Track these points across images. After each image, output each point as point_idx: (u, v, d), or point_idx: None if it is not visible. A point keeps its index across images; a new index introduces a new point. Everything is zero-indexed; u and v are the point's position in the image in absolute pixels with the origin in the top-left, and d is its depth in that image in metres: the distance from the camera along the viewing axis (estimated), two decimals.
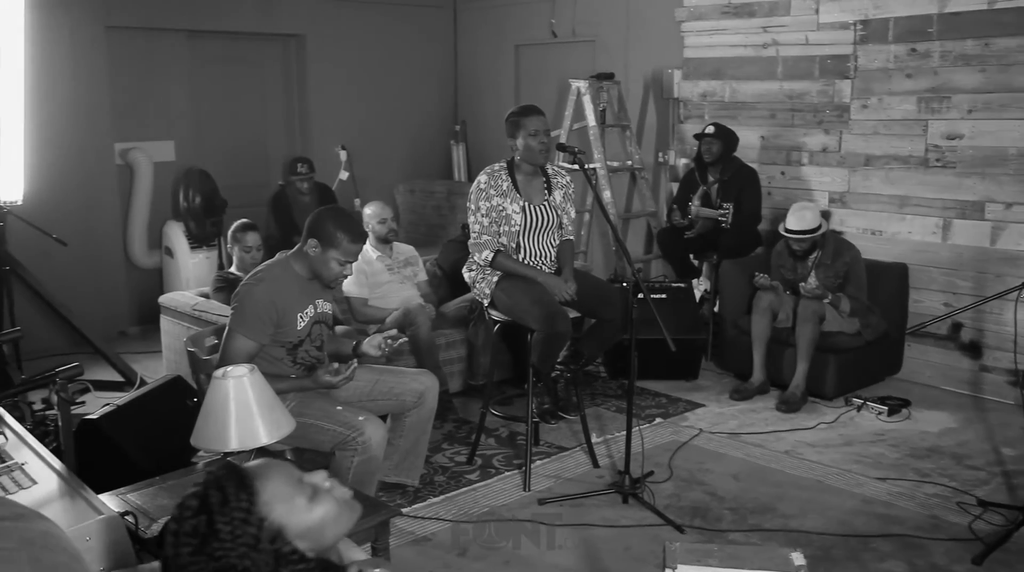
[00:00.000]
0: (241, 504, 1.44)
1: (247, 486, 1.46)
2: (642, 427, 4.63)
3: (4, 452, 2.45)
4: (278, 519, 1.46)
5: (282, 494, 1.49)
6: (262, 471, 1.52)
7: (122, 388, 5.32)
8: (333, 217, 3.34)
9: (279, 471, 1.54)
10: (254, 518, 1.44)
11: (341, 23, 7.71)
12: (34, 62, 5.71)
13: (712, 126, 5.90)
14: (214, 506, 1.43)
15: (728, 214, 5.78)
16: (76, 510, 2.12)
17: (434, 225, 8.01)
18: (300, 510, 1.49)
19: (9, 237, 5.45)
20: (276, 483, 1.50)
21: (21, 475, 2.30)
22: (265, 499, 1.47)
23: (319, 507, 1.52)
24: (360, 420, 3.25)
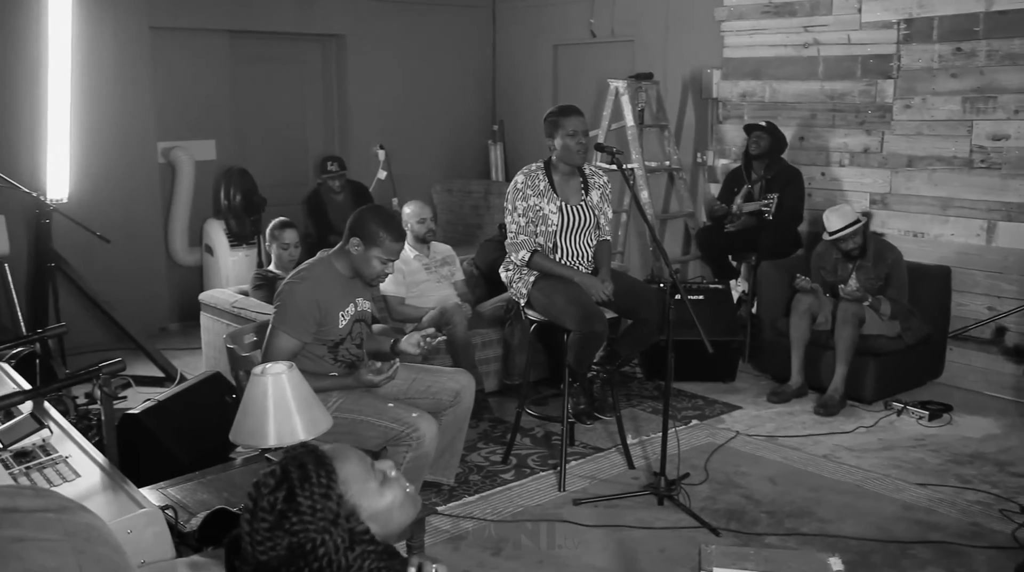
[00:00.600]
0: (321, 480, 1.48)
1: (326, 464, 1.50)
2: (678, 429, 4.60)
3: (49, 445, 2.49)
4: (352, 499, 1.50)
5: (357, 475, 1.53)
6: (339, 452, 1.56)
7: (163, 383, 5.40)
8: (375, 216, 3.36)
9: (354, 453, 1.58)
10: (334, 494, 1.48)
11: (380, 23, 7.75)
12: (80, 62, 5.81)
13: (765, 122, 5.89)
14: (295, 481, 1.47)
15: (772, 203, 5.75)
16: (118, 503, 2.15)
17: (471, 225, 8.03)
18: (372, 493, 1.54)
19: (55, 234, 5.55)
20: (352, 464, 1.54)
21: (65, 468, 2.34)
22: (343, 477, 1.51)
23: (389, 492, 1.56)
24: (414, 416, 3.28)
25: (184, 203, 6.85)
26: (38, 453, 2.45)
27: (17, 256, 5.89)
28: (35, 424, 2.56)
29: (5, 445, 2.47)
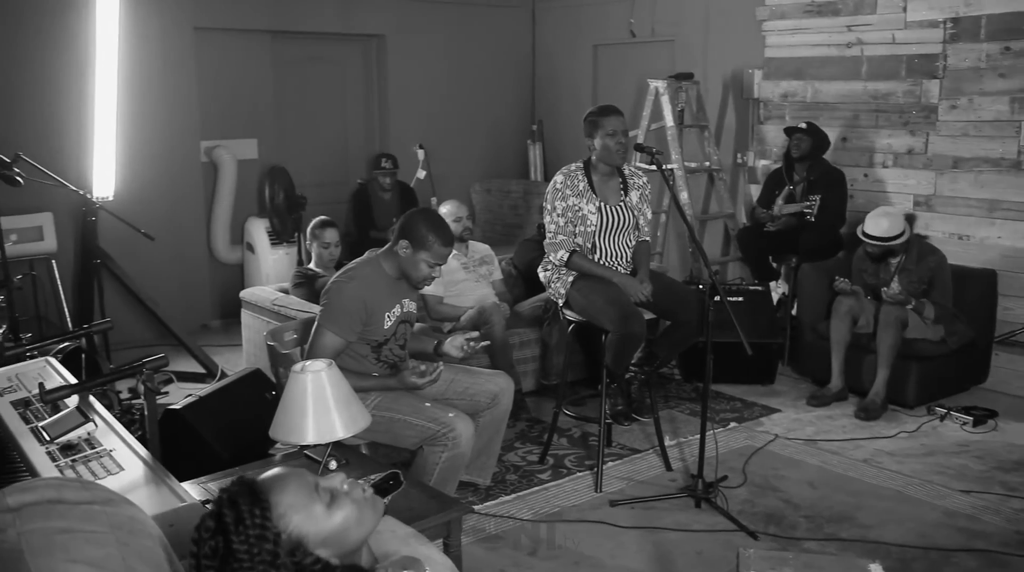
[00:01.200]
0: (256, 520, 1.44)
1: (261, 501, 1.46)
2: (716, 431, 4.57)
3: (94, 438, 2.54)
4: (296, 530, 1.46)
5: (297, 504, 1.48)
6: (275, 483, 1.51)
7: (204, 380, 5.46)
8: (425, 220, 3.38)
9: (294, 481, 1.53)
10: (270, 533, 1.44)
11: (420, 23, 7.78)
12: (126, 63, 5.91)
13: (805, 123, 5.83)
14: (229, 525, 1.43)
15: (814, 206, 5.68)
16: (160, 497, 2.18)
17: (510, 224, 8.04)
18: (319, 518, 1.49)
19: (101, 232, 5.64)
20: (291, 493, 1.49)
21: (110, 461, 2.38)
22: (280, 511, 1.47)
23: (338, 512, 1.52)
24: (450, 416, 3.29)
25: (226, 201, 6.93)
26: (83, 446, 2.49)
27: (64, 253, 6.01)
28: (81, 418, 2.60)
29: (52, 438, 2.52)
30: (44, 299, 5.86)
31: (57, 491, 1.58)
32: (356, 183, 7.30)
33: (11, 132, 5.56)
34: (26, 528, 1.46)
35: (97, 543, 1.49)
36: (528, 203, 7.88)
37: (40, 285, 5.83)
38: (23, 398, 2.89)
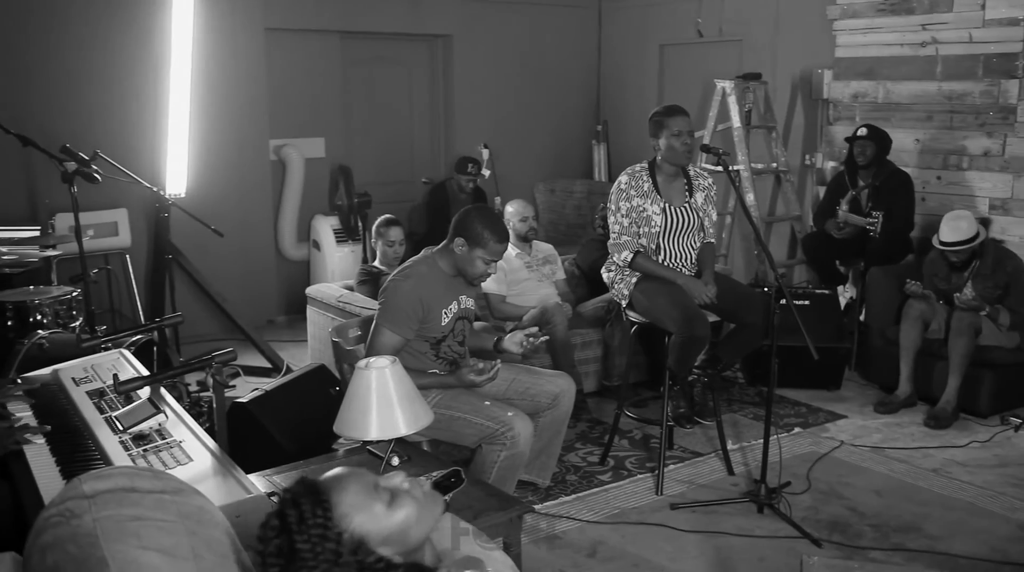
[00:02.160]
0: (317, 520, 1.46)
1: (322, 501, 1.48)
2: (780, 436, 4.51)
3: (164, 429, 2.59)
4: (358, 529, 1.48)
5: (358, 504, 1.50)
6: (336, 483, 1.53)
7: (269, 374, 5.56)
8: (480, 217, 3.39)
9: (354, 480, 1.55)
10: (332, 533, 1.46)
11: (487, 23, 7.82)
12: (199, 63, 6.04)
13: (864, 127, 5.67)
14: (292, 525, 1.46)
15: (877, 224, 5.53)
16: (227, 488, 2.22)
17: (573, 224, 8.03)
18: (379, 517, 1.51)
19: (172, 228, 5.78)
20: (352, 493, 1.51)
21: (179, 452, 2.43)
22: (342, 511, 1.49)
23: (399, 511, 1.53)
24: (509, 415, 3.30)
25: (293, 199, 7.04)
26: (154, 437, 2.55)
27: (138, 248, 6.17)
28: (152, 409, 2.67)
29: (125, 428, 2.59)
30: (118, 293, 6.03)
31: (130, 480, 1.62)
32: (421, 182, 7.36)
33: (90, 130, 5.72)
34: (101, 514, 1.50)
35: (167, 531, 1.53)
36: (592, 203, 7.85)
37: (115, 279, 6.00)
38: (98, 388, 2.97)
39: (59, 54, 5.84)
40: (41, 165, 5.33)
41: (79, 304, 4.34)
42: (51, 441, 2.59)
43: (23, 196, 5.84)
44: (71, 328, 4.17)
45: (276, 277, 7.09)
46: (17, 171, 5.74)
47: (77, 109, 5.87)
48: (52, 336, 3.85)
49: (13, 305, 4.07)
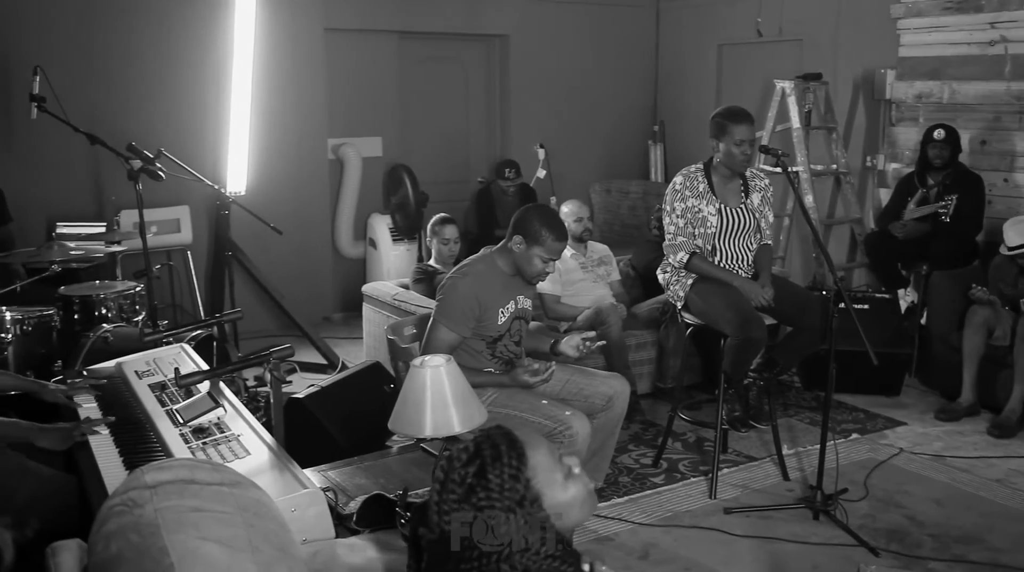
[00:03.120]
0: (512, 461, 1.52)
1: (518, 448, 1.54)
2: (837, 442, 4.43)
3: (223, 423, 2.64)
4: (538, 486, 1.53)
5: (545, 465, 1.56)
6: (531, 440, 1.60)
7: (325, 370, 5.62)
8: (539, 215, 3.40)
9: (545, 444, 1.61)
10: (522, 477, 1.51)
11: (544, 23, 7.82)
12: (260, 63, 6.13)
13: (942, 129, 5.55)
14: (487, 458, 1.51)
15: (950, 206, 5.42)
16: (283, 482, 2.25)
17: (628, 225, 7.99)
18: (557, 485, 1.56)
19: (232, 225, 5.88)
20: (541, 454, 1.57)
21: (237, 445, 2.47)
22: (533, 464, 1.54)
23: (572, 487, 1.59)
24: (567, 414, 3.30)
25: (351, 198, 7.11)
26: (213, 430, 2.60)
27: (199, 245, 6.29)
28: (212, 403, 2.72)
29: (185, 421, 2.64)
30: (180, 288, 6.16)
31: (191, 472, 1.65)
32: (477, 182, 7.39)
33: (154, 129, 5.84)
34: (162, 505, 1.53)
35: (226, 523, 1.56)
36: (647, 204, 7.80)
37: (176, 275, 6.13)
38: (160, 382, 3.03)
39: (126, 55, 5.98)
40: (108, 163, 5.46)
41: (142, 299, 4.43)
42: (115, 433, 2.65)
43: (91, 193, 6.00)
44: (134, 322, 4.27)
45: (332, 275, 7.17)
46: (85, 169, 5.90)
47: (143, 108, 6.00)
48: (116, 330, 3.95)
49: (79, 299, 4.17)
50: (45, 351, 3.95)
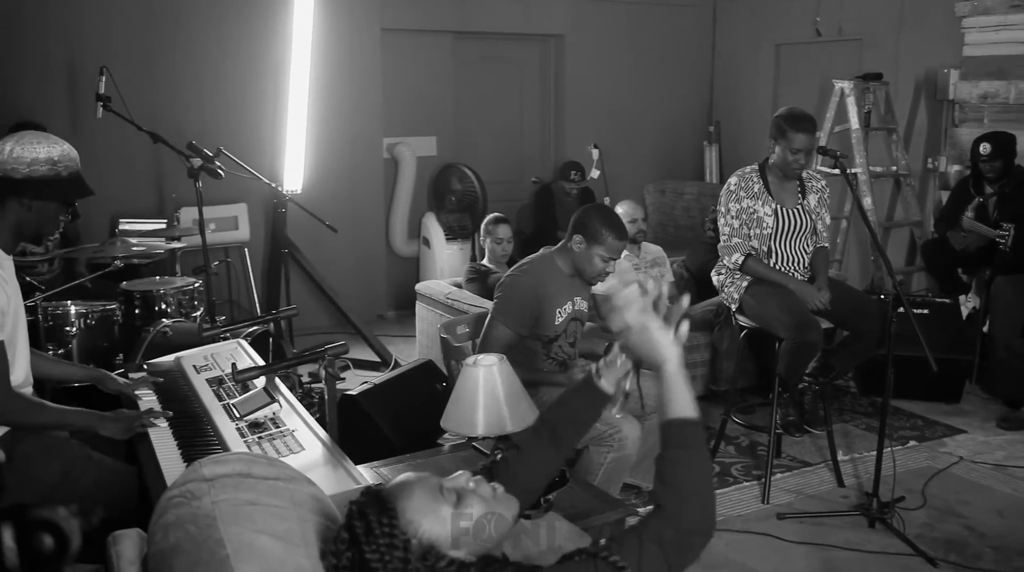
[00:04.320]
0: (384, 529, 1.47)
1: (388, 510, 1.50)
2: (894, 449, 4.35)
3: (278, 418, 2.68)
4: (426, 534, 1.49)
5: (423, 509, 1.51)
6: (400, 490, 1.54)
7: (378, 368, 5.67)
8: (598, 214, 3.40)
9: (418, 486, 1.55)
10: (398, 540, 1.47)
11: (600, 23, 7.79)
12: (317, 63, 6.21)
13: (986, 142, 5.30)
14: (360, 537, 1.48)
15: (1008, 237, 5.21)
16: (336, 478, 2.27)
17: (683, 226, 7.94)
18: (447, 520, 1.51)
19: (289, 223, 5.96)
20: (415, 499, 1.52)
21: (292, 441, 2.50)
22: (408, 517, 1.50)
23: (467, 511, 1.53)
24: (617, 417, 3.29)
25: (405, 197, 7.16)
26: (269, 425, 2.63)
27: (256, 242, 6.38)
28: (267, 398, 2.75)
29: (241, 415, 2.68)
30: (237, 285, 6.26)
31: (247, 466, 1.68)
32: (531, 182, 7.39)
33: (213, 127, 5.95)
34: (219, 497, 1.56)
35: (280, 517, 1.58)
36: (702, 205, 7.75)
37: (234, 272, 6.23)
38: (217, 376, 3.08)
39: (187, 56, 6.10)
40: (169, 161, 5.58)
41: (200, 295, 4.51)
42: (173, 425, 2.70)
43: (152, 191, 6.12)
44: (193, 318, 4.34)
45: (386, 273, 7.23)
46: (147, 167, 6.02)
47: (203, 108, 6.10)
48: (175, 325, 4.02)
49: (140, 294, 4.26)
50: (107, 344, 4.04)
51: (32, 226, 2.62)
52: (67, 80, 5.79)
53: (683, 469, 1.55)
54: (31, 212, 2.57)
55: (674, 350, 1.63)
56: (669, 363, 1.62)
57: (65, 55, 5.77)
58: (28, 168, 2.51)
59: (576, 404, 1.89)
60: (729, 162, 8.06)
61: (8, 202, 2.55)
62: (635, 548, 1.49)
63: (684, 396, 1.59)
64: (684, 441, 1.57)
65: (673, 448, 1.57)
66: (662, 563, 1.49)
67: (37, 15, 5.68)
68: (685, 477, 1.54)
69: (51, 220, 2.65)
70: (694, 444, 1.58)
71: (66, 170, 2.59)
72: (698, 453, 1.58)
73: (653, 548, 1.49)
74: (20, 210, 2.56)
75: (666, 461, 1.57)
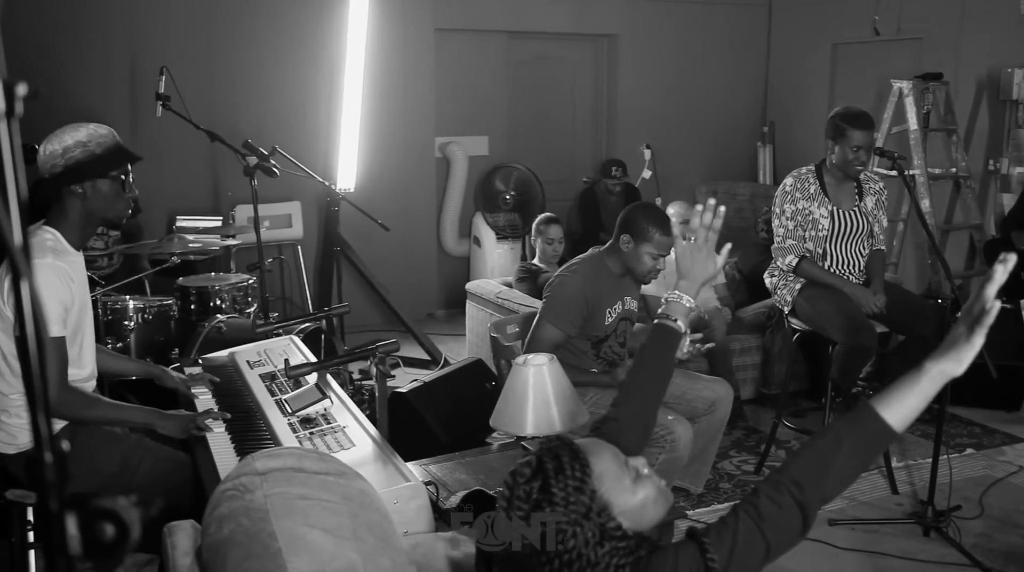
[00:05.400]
0: (575, 473, 1.49)
1: (581, 458, 1.52)
2: (951, 456, 4.26)
3: (329, 414, 2.71)
4: (606, 494, 1.51)
5: (611, 472, 1.54)
6: (594, 448, 1.58)
7: (428, 366, 5.70)
8: (644, 212, 3.39)
9: (609, 449, 1.59)
10: (587, 488, 1.49)
11: (654, 23, 7.75)
12: (371, 63, 6.26)
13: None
14: (550, 472, 1.49)
15: None
16: (386, 474, 2.29)
17: (735, 228, 7.84)
18: (625, 490, 1.54)
19: (341, 221, 6.02)
20: (606, 460, 1.55)
21: (343, 437, 2.53)
22: (598, 472, 1.52)
23: (642, 489, 1.56)
24: (670, 419, 3.27)
25: (456, 196, 7.19)
26: (320, 421, 2.66)
27: (308, 240, 6.46)
28: (319, 394, 2.79)
29: (293, 411, 2.72)
30: (290, 282, 6.34)
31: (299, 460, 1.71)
32: (582, 182, 7.37)
33: (268, 126, 6.03)
34: (272, 491, 1.59)
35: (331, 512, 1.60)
36: (755, 207, 7.66)
37: (287, 269, 6.31)
38: (270, 372, 3.12)
39: (244, 56, 6.19)
40: (225, 160, 5.66)
41: (254, 291, 4.57)
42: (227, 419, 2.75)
43: (208, 188, 6.23)
44: (246, 314, 4.41)
45: (437, 272, 7.27)
46: (204, 165, 6.13)
47: (259, 107, 6.19)
48: (230, 320, 4.09)
49: (196, 290, 4.33)
50: (163, 339, 4.12)
51: (97, 211, 2.62)
52: (128, 80, 5.91)
53: (855, 461, 1.57)
54: (88, 199, 2.58)
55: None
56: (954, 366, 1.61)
57: (126, 56, 5.89)
58: (63, 158, 2.53)
59: (652, 357, 2.01)
60: (783, 163, 7.96)
61: (64, 199, 2.58)
62: (729, 529, 1.52)
63: (910, 408, 1.58)
64: (873, 439, 1.58)
65: (858, 437, 1.57)
66: (760, 539, 1.52)
67: (100, 17, 5.81)
68: (846, 466, 1.56)
69: (112, 198, 2.64)
70: (878, 449, 1.60)
71: (99, 146, 2.58)
72: (872, 457, 1.61)
73: (751, 524, 1.52)
74: (77, 201, 2.58)
75: (844, 444, 1.56)
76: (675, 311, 2.06)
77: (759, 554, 1.50)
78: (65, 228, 2.60)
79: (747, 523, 1.51)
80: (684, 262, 2.12)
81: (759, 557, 1.50)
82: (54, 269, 2.50)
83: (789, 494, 1.52)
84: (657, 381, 2.01)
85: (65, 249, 2.60)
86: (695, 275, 2.11)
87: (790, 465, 1.55)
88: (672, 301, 2.07)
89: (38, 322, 0.69)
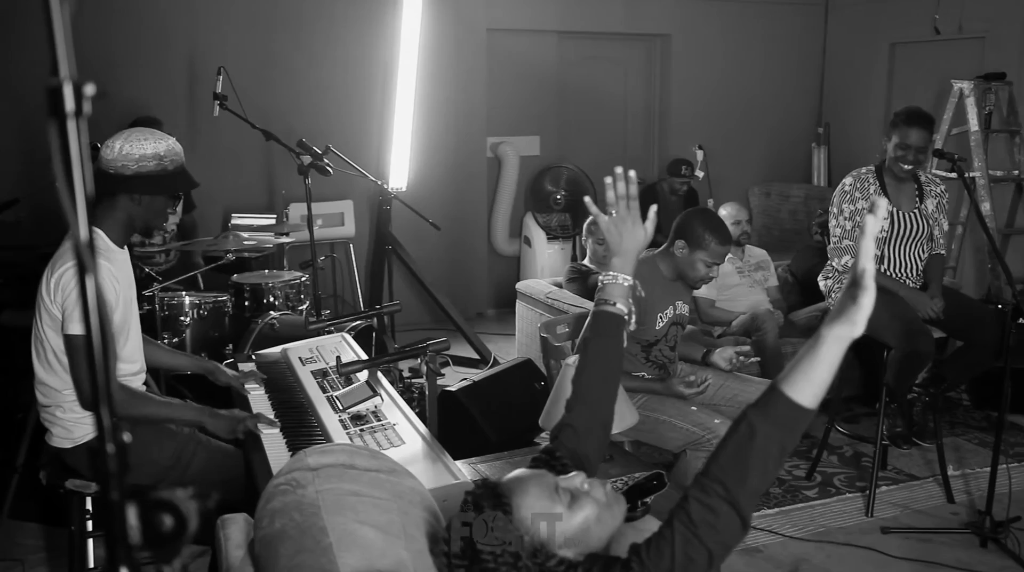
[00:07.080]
0: (498, 523, 1.48)
1: (503, 504, 1.51)
2: (1010, 465, 4.16)
3: (380, 412, 2.73)
4: (538, 534, 1.50)
5: (539, 506, 1.52)
6: (517, 486, 1.55)
7: (477, 365, 5.71)
8: (702, 219, 3.35)
9: (535, 484, 1.56)
10: (512, 536, 1.48)
11: (708, 22, 7.68)
12: (424, 63, 6.30)
13: None
14: (473, 529, 1.49)
15: None
16: (435, 472, 2.30)
17: (788, 230, 7.76)
18: (560, 519, 1.52)
19: (393, 220, 6.06)
20: (532, 497, 1.53)
21: (393, 434, 2.55)
22: (523, 514, 1.50)
23: (579, 513, 1.53)
24: (716, 422, 3.24)
25: (507, 196, 7.20)
26: (371, 418, 2.68)
27: (360, 238, 6.52)
28: (369, 391, 2.81)
29: (344, 407, 2.74)
30: (341, 280, 6.40)
31: (350, 457, 1.72)
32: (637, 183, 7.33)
33: (323, 126, 6.10)
34: (323, 487, 1.60)
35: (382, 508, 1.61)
36: (809, 209, 7.56)
37: (339, 267, 6.38)
38: (321, 369, 3.15)
39: (299, 56, 6.27)
40: (280, 158, 5.74)
41: (307, 289, 4.63)
42: (278, 414, 2.78)
43: (263, 187, 6.32)
44: (299, 311, 4.46)
45: (487, 271, 7.29)
46: (260, 164, 6.22)
47: (313, 107, 6.27)
48: (282, 317, 4.14)
49: (250, 287, 4.40)
50: (218, 335, 4.19)
51: (142, 220, 2.68)
52: (186, 79, 6.02)
53: (774, 449, 1.42)
54: (140, 207, 2.63)
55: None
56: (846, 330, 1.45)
57: (185, 55, 6.00)
58: (136, 164, 2.57)
59: (597, 350, 1.93)
60: (838, 165, 7.84)
61: (119, 198, 2.62)
62: (667, 540, 1.44)
63: (818, 382, 1.42)
64: (787, 422, 1.42)
65: (770, 424, 1.41)
66: (699, 545, 1.42)
67: (159, 17, 5.93)
68: (764, 455, 1.41)
69: (159, 213, 2.70)
70: (795, 431, 1.43)
71: (172, 164, 2.63)
72: (792, 440, 1.44)
73: (687, 533, 1.43)
74: (131, 205, 2.62)
75: (757, 434, 1.41)
76: (613, 294, 1.96)
77: (702, 562, 1.42)
78: (109, 226, 2.65)
79: (683, 532, 1.42)
80: (612, 238, 2.05)
81: (702, 566, 1.42)
82: (102, 269, 2.55)
83: (717, 495, 1.41)
84: (607, 375, 1.92)
85: (109, 247, 2.65)
86: (626, 248, 2.03)
87: (711, 465, 1.44)
88: (607, 283, 1.97)
89: (103, 316, 0.71)
